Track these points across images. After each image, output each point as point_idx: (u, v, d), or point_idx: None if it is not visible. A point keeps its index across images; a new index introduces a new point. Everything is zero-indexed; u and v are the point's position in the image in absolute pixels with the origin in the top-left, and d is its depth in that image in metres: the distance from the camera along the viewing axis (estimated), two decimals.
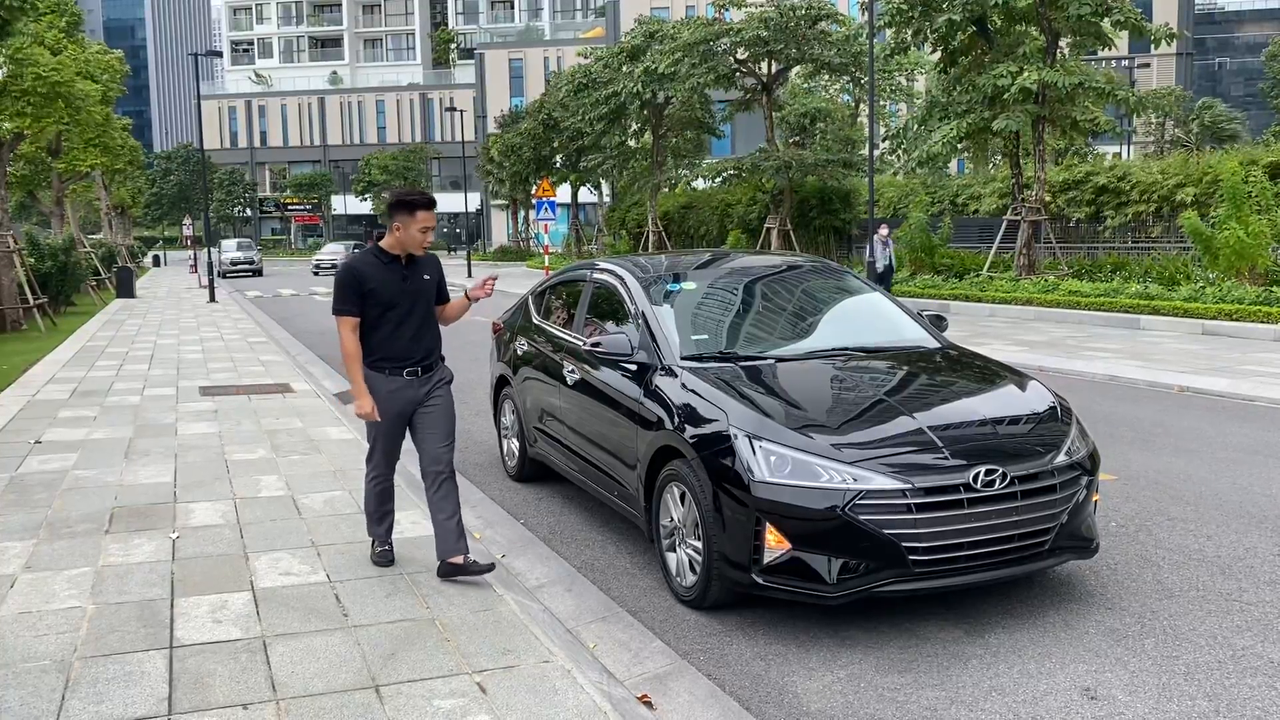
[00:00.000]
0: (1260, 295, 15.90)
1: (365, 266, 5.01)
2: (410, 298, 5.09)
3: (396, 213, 4.98)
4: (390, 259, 5.06)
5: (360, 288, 4.97)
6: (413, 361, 5.14)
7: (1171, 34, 21.22)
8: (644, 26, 33.25)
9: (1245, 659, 4.32)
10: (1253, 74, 75.38)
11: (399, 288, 5.04)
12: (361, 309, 5.01)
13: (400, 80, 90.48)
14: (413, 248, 5.04)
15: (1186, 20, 55.77)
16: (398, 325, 5.06)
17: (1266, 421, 9.31)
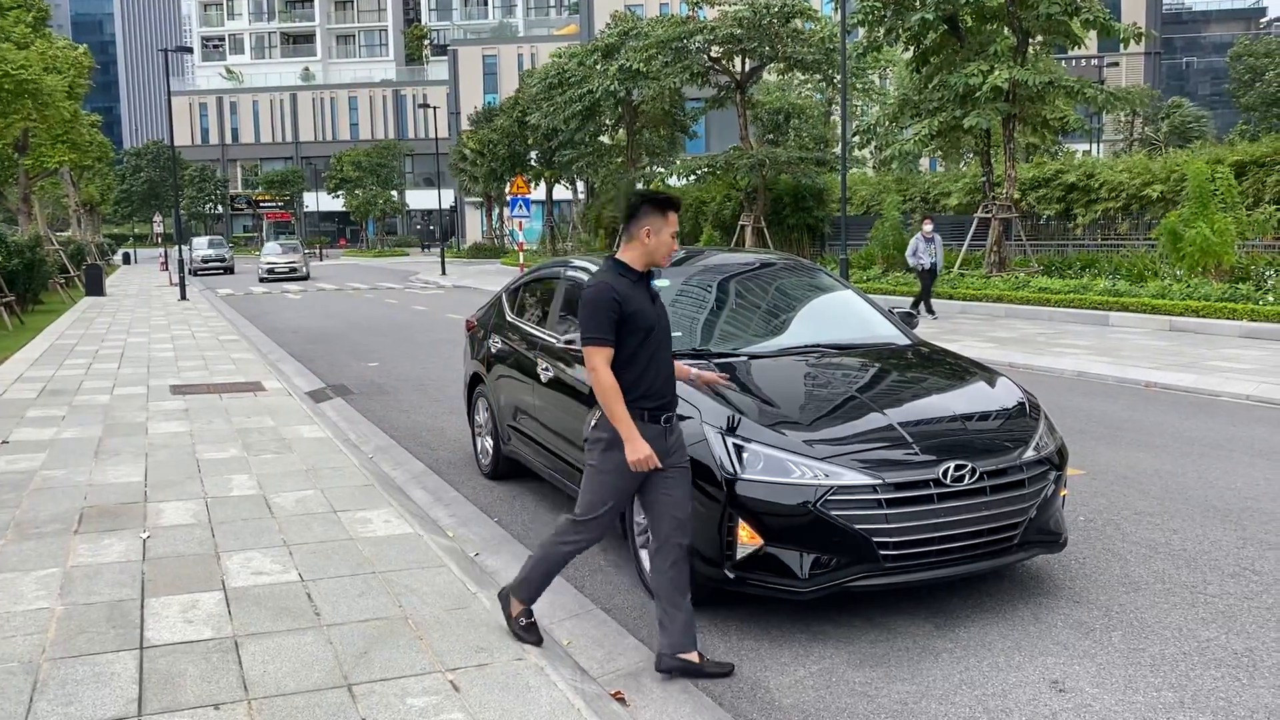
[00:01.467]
0: (1226, 292, 16.11)
1: (621, 285, 4.12)
2: (663, 323, 4.26)
3: (647, 215, 4.17)
4: (637, 276, 4.20)
5: (620, 311, 4.07)
6: (667, 403, 4.26)
7: (1139, 33, 21.44)
8: (618, 24, 33.26)
9: (1209, 650, 4.38)
10: (1219, 73, 76.27)
11: (651, 310, 4.19)
12: (618, 338, 4.13)
13: (373, 76, 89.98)
14: (660, 259, 4.21)
15: (1154, 20, 56.39)
16: (652, 356, 4.19)
17: (1231, 416, 9.44)
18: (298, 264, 41.24)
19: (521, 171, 46.52)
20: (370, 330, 19.52)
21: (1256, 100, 62.39)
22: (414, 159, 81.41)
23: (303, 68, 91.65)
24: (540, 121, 37.18)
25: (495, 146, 49.29)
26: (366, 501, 6.51)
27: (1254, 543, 5.75)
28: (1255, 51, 64.56)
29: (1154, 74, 58.83)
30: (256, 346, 16.09)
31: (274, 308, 26.50)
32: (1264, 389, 10.42)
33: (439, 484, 7.49)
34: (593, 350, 4.10)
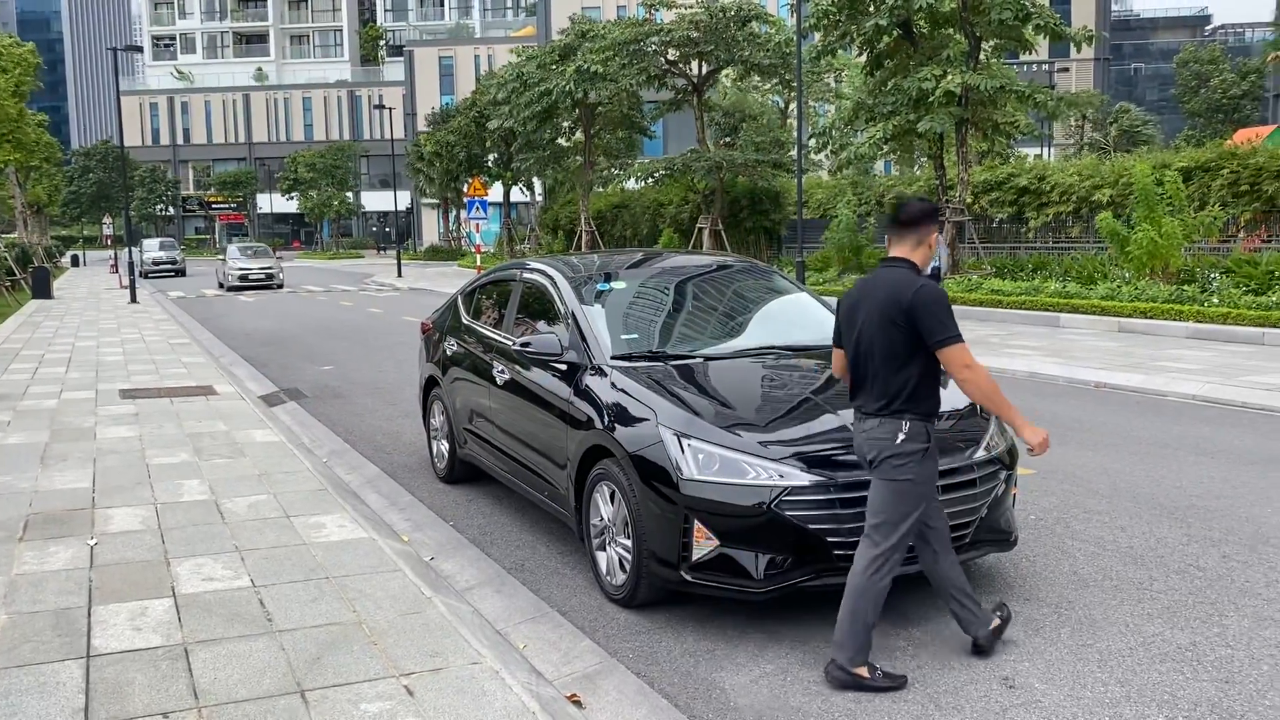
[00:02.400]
0: (1172, 294, 16.43)
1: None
2: None
3: (929, 223, 4.28)
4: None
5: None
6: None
7: (1090, 36, 21.82)
8: (575, 26, 33.22)
9: (1155, 645, 4.47)
10: (1166, 79, 77.79)
11: None
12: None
13: (328, 77, 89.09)
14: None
15: (1103, 26, 57.31)
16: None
17: (1178, 415, 9.63)
18: (273, 269, 36.29)
19: (479, 173, 46.33)
20: (325, 333, 19.33)
21: (1201, 106, 63.75)
22: (369, 160, 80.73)
23: (256, 68, 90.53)
24: (499, 124, 37.03)
25: (452, 148, 49.01)
26: (320, 506, 6.45)
27: (1198, 540, 5.87)
28: (1200, 58, 65.99)
29: (1103, 79, 59.81)
30: (208, 350, 15.87)
31: (226, 310, 26.16)
32: (1209, 389, 10.64)
33: (394, 488, 7.43)
34: (960, 347, 4.06)
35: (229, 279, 35.58)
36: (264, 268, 36.04)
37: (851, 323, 4.34)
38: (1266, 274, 16.65)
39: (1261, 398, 10.14)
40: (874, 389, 4.20)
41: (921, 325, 4.06)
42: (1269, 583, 5.16)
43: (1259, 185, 19.55)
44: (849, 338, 4.35)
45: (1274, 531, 5.99)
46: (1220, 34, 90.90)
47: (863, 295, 4.34)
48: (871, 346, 4.21)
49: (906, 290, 4.11)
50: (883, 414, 4.17)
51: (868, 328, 4.22)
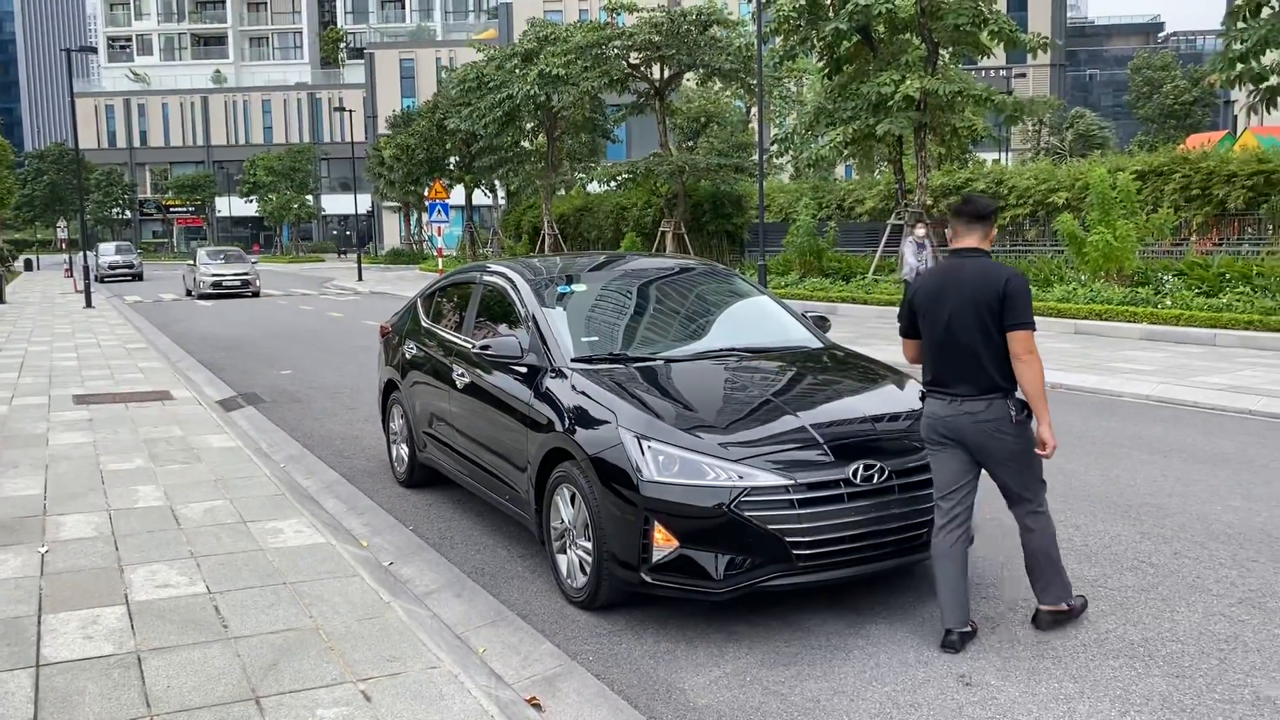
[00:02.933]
0: (1127, 296, 16.69)
1: None
2: None
3: (994, 217, 4.68)
4: None
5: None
6: None
7: (1045, 42, 22.09)
8: (536, 29, 33.15)
9: (1108, 642, 4.53)
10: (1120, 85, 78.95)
11: None
12: None
13: (287, 79, 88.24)
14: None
15: (1059, 33, 58.12)
16: None
17: (1132, 416, 9.78)
18: (249, 275, 33.55)
19: (440, 176, 46.07)
20: (284, 337, 19.15)
21: (1154, 112, 64.82)
22: (330, 163, 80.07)
23: (214, 70, 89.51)
24: (460, 125, 36.85)
25: (413, 151, 48.68)
26: (277, 511, 6.38)
27: (1151, 537, 5.96)
28: (1153, 65, 67.08)
29: (1059, 85, 60.63)
30: (165, 355, 15.66)
31: (184, 315, 25.83)
32: (1162, 389, 10.82)
33: (352, 493, 7.38)
34: (1031, 334, 4.40)
35: (200, 286, 32.77)
36: (239, 273, 33.40)
37: (937, 311, 4.57)
38: (1217, 276, 16.96)
39: (1212, 398, 10.32)
40: (974, 373, 4.47)
41: (1007, 306, 4.40)
42: (1218, 579, 5.25)
43: (1210, 190, 19.88)
44: (934, 324, 4.59)
45: (1223, 528, 6.09)
46: (1172, 41, 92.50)
47: (948, 284, 4.57)
48: (967, 332, 4.47)
49: (1000, 277, 4.45)
50: (990, 395, 4.46)
51: (961, 315, 4.48)
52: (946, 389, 4.56)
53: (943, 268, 4.69)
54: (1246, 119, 24.73)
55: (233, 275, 33.19)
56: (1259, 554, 5.62)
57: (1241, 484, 7.13)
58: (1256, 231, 19.98)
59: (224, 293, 32.65)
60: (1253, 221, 19.89)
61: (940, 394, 4.59)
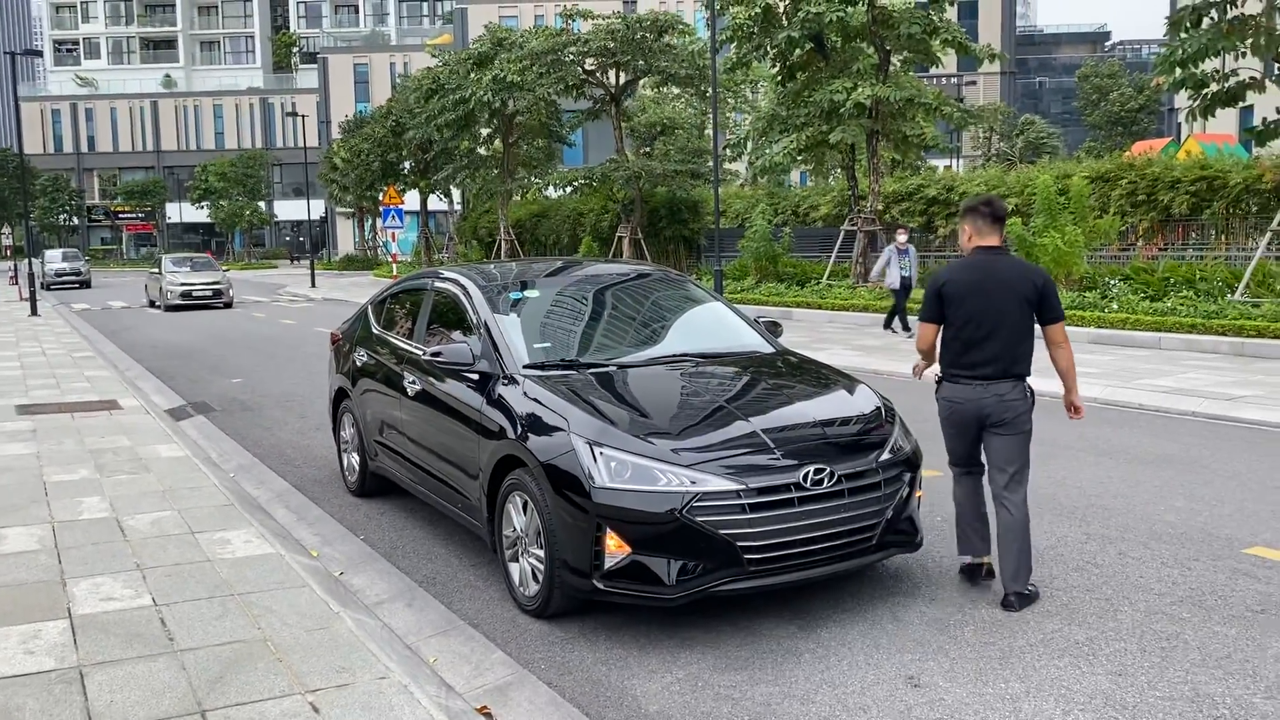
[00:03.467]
0: (1075, 300, 16.96)
1: None
2: None
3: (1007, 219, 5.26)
4: None
5: None
6: None
7: (994, 53, 22.45)
8: (492, 34, 33.08)
9: (1053, 641, 4.60)
10: (1069, 93, 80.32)
11: None
12: None
13: (239, 84, 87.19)
14: None
15: (1009, 41, 59.00)
16: None
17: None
18: (221, 284, 30.67)
19: (394, 181, 45.77)
20: (235, 345, 18.91)
21: (1102, 119, 66.00)
22: (283, 169, 79.24)
23: (164, 74, 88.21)
24: (415, 133, 36.60)
25: (366, 156, 48.26)
26: (226, 522, 6.30)
27: (1096, 538, 6.07)
28: (1100, 73, 68.31)
29: (1009, 92, 61.53)
30: (113, 363, 15.40)
31: (133, 323, 25.42)
32: (1109, 392, 11.01)
33: (303, 502, 7.30)
34: (1064, 324, 5.16)
35: (167, 296, 29.76)
36: (210, 283, 30.58)
37: (975, 302, 5.01)
38: (1162, 281, 17.30)
39: (1158, 400, 10.52)
40: (1002, 357, 5.01)
41: (1046, 303, 5.03)
42: (1160, 578, 5.36)
43: (1155, 195, 20.28)
44: (970, 314, 5.02)
45: (1167, 528, 6.21)
46: (1119, 49, 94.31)
47: (986, 278, 5.03)
48: (1002, 320, 4.99)
49: (1038, 274, 5.07)
50: (1013, 378, 5.05)
51: (998, 305, 4.98)
52: (975, 373, 5.04)
53: (976, 263, 5.10)
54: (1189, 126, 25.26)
55: (203, 285, 30.45)
56: (1200, 553, 5.74)
57: (1184, 484, 7.28)
58: (1200, 236, 20.43)
59: (194, 304, 29.90)
60: (1196, 227, 20.32)
61: (968, 378, 5.07)
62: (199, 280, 30.53)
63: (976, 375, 5.05)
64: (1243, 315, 14.50)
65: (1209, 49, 15.32)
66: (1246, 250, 18.22)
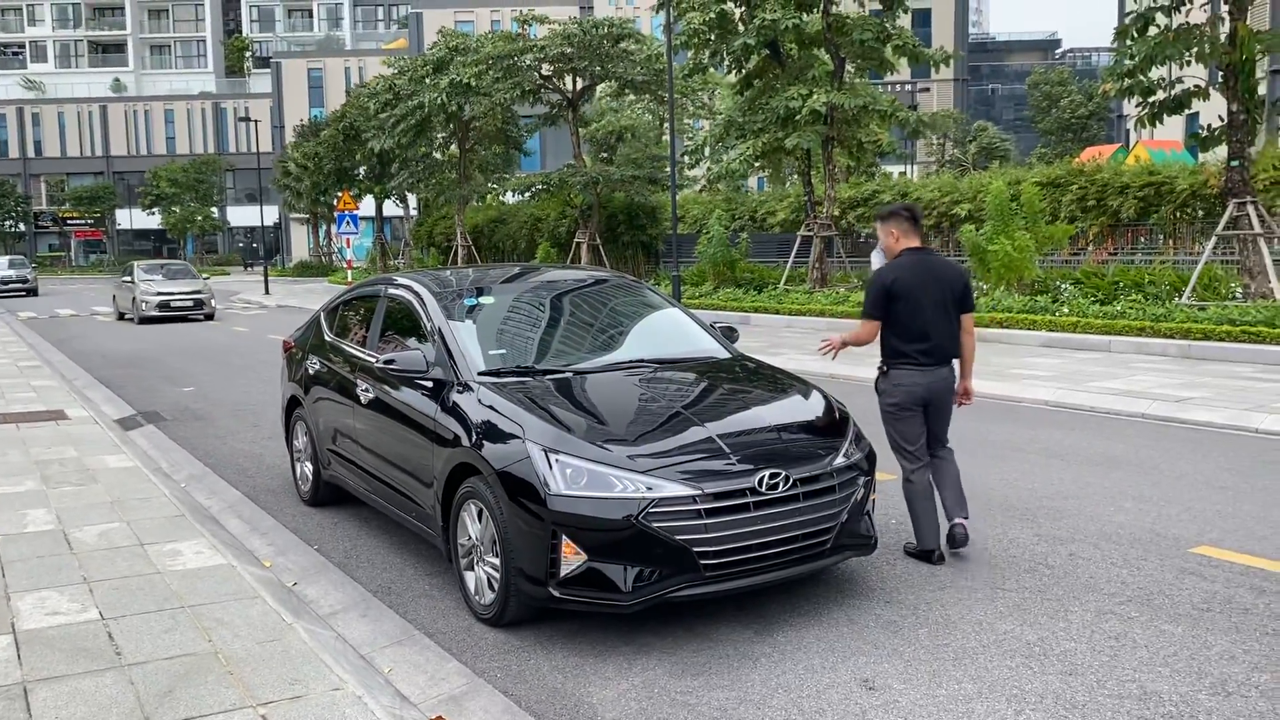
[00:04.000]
0: (1027, 304, 17.19)
1: None
2: None
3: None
4: None
5: None
6: None
7: (948, 57, 22.71)
8: (447, 39, 32.93)
9: (1006, 642, 4.65)
10: (1021, 100, 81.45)
11: None
12: None
13: (190, 88, 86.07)
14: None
15: (961, 48, 59.74)
16: None
17: (1030, 420, 10.07)
18: (203, 294, 27.97)
19: (349, 187, 45.38)
20: (186, 353, 18.64)
21: (1053, 125, 67.00)
22: (235, 174, 78.27)
23: (113, 78, 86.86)
24: (376, 146, 36.21)
25: (320, 161, 47.80)
26: (176, 533, 6.20)
27: (1047, 539, 6.15)
28: (1050, 80, 69.37)
29: (962, 99, 62.33)
30: (61, 372, 15.12)
31: (81, 331, 24.97)
32: (1059, 394, 11.17)
33: (255, 512, 7.21)
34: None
35: (142, 307, 26.88)
36: (190, 292, 27.72)
37: (919, 295, 5.66)
38: (1112, 285, 17.59)
39: (1108, 402, 10.69)
40: (942, 345, 5.74)
41: (968, 296, 5.86)
42: (1110, 578, 5.44)
43: (1105, 200, 20.66)
44: (917, 308, 5.66)
45: (1116, 529, 6.31)
46: (1069, 57, 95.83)
47: (927, 274, 5.72)
48: (940, 313, 5.71)
49: (963, 271, 6.01)
50: (949, 363, 5.81)
51: (935, 298, 5.70)
52: (922, 360, 5.69)
53: (913, 263, 5.75)
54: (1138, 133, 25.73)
55: (183, 294, 27.55)
56: (1148, 553, 5.83)
57: (1134, 485, 7.40)
58: (1148, 241, 20.85)
59: (172, 315, 27.16)
60: (1144, 231, 20.74)
61: (916, 365, 5.70)
62: (177, 289, 27.70)
63: (921, 362, 5.69)
64: (1190, 318, 14.78)
65: (1155, 57, 15.61)
66: (1193, 254, 18.60)
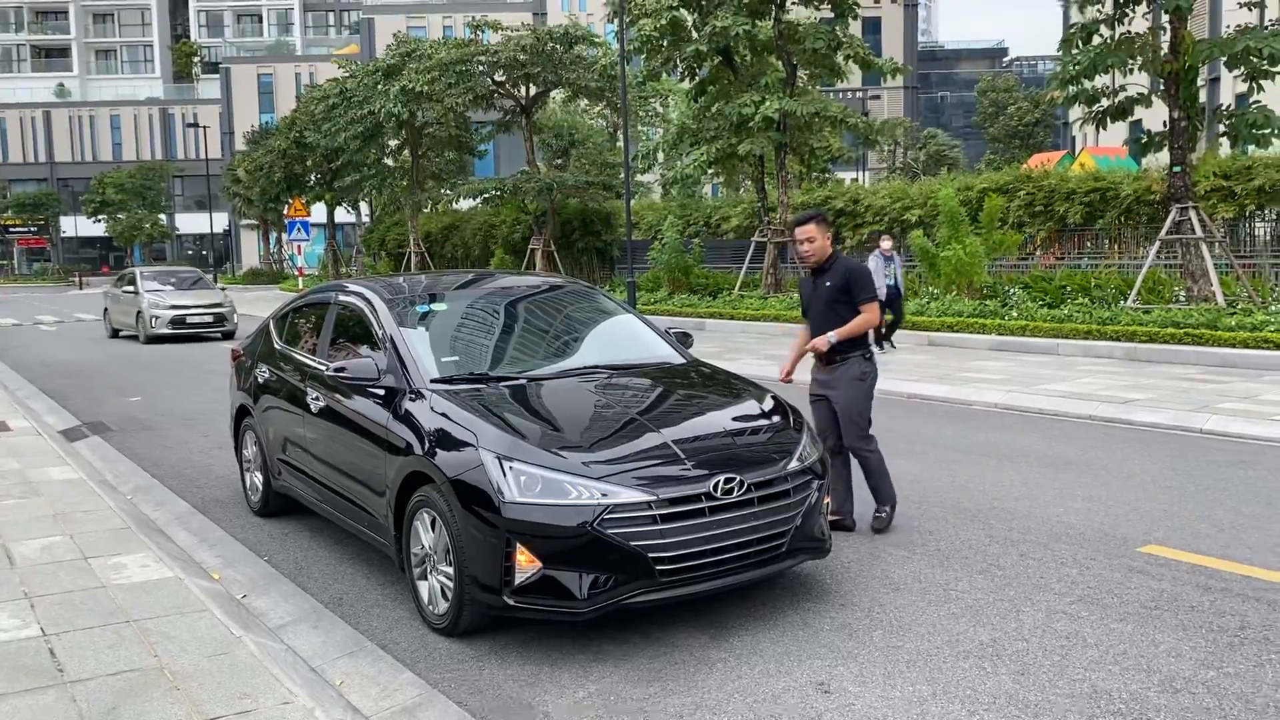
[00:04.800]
0: (977, 308, 17.42)
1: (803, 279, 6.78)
2: (814, 302, 6.52)
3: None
4: (810, 271, 6.62)
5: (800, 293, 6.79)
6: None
7: (897, 67, 22.95)
8: (400, 45, 32.69)
9: (959, 643, 4.69)
10: (969, 107, 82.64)
11: (809, 294, 6.61)
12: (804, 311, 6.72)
13: (137, 94, 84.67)
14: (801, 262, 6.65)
15: (911, 56, 60.48)
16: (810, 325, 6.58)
17: (981, 423, 10.19)
18: (224, 307, 23.93)
19: (300, 193, 44.86)
20: (133, 362, 18.31)
21: (1001, 132, 68.07)
22: (184, 181, 77.17)
23: (57, 83, 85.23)
24: (320, 141, 35.88)
25: (269, 169, 47.19)
26: (122, 546, 6.08)
27: (998, 540, 6.21)
28: (997, 87, 70.48)
29: (912, 107, 63.02)
30: (2, 383, 14.77)
31: (24, 340, 24.42)
32: (1010, 397, 11.31)
33: (204, 524, 7.08)
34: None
35: (151, 324, 22.82)
36: (209, 306, 23.66)
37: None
38: (1059, 289, 17.87)
39: (1056, 404, 10.84)
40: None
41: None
42: (1060, 578, 5.50)
43: (1052, 206, 20.97)
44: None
45: (1065, 530, 6.40)
46: (1016, 65, 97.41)
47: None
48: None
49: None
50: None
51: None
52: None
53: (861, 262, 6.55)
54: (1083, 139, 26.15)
55: (200, 308, 23.47)
56: (1097, 553, 5.91)
57: (1082, 486, 7.51)
58: (1095, 245, 21.19)
59: (186, 333, 23.13)
60: (1091, 236, 21.08)
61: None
62: (193, 303, 23.52)
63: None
64: (1135, 321, 15.06)
65: (1099, 64, 15.90)
66: (1138, 259, 18.94)
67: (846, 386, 6.44)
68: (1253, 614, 4.93)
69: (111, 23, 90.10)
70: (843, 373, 6.43)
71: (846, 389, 6.44)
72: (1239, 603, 5.07)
